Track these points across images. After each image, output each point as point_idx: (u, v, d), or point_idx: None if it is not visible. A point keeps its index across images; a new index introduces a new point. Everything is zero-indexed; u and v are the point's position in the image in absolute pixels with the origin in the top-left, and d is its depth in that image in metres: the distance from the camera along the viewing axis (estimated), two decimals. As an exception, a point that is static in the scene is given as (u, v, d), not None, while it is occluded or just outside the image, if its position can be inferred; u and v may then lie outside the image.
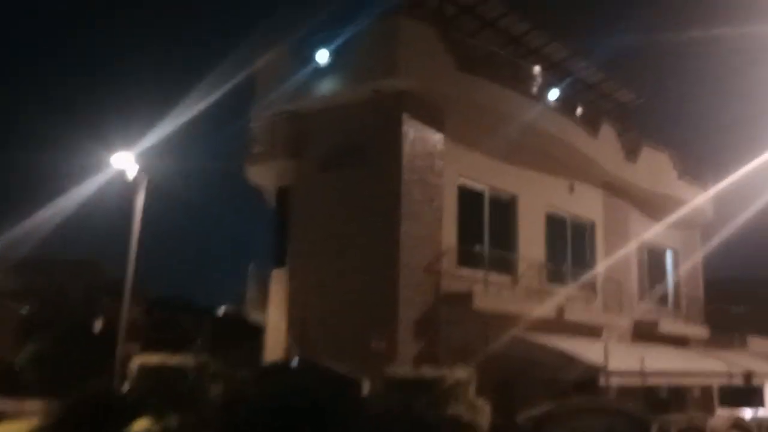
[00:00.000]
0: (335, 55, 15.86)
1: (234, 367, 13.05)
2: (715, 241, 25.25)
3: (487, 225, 16.94)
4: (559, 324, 16.90)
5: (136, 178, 14.68)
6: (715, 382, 21.08)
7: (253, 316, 18.67)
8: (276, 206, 18.21)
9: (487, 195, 17.13)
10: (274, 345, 16.35)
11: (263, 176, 18.15)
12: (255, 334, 17.61)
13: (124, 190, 14.91)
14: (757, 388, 25.78)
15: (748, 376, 19.59)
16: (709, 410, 21.43)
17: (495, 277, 16.45)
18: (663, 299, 23.01)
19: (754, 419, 18.75)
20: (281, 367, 13.63)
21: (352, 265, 15.06)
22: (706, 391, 23.14)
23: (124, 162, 14.62)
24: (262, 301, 17.54)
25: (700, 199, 23.96)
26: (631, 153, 21.30)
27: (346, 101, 15.75)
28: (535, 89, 17.95)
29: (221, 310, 23.09)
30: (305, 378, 12.45)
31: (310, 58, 15.97)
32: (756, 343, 23.99)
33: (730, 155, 23.36)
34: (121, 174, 14.78)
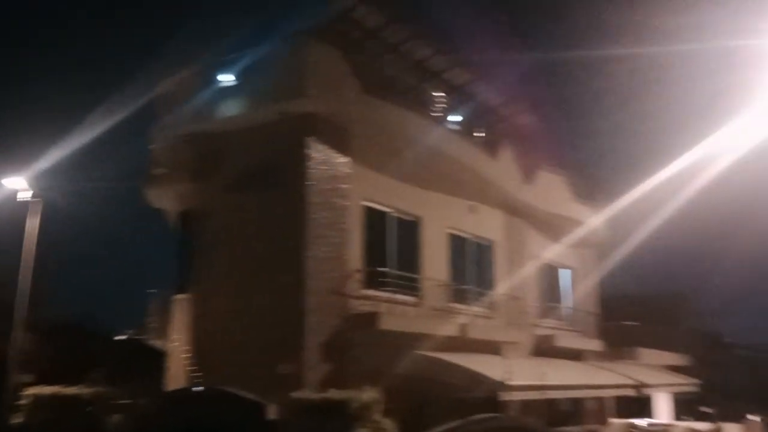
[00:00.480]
0: (241, 76, 15.83)
1: (135, 397, 12.67)
2: (610, 259, 26.63)
3: (392, 246, 17.21)
4: (463, 342, 17.29)
5: (29, 201, 14.08)
6: (609, 394, 22.12)
7: (156, 342, 18.16)
8: (179, 230, 17.85)
9: (392, 217, 17.42)
10: (178, 372, 15.96)
11: (165, 199, 17.78)
12: (158, 361, 17.12)
13: (18, 212, 14.30)
14: (647, 397, 27.22)
15: (639, 387, 20.66)
16: (604, 421, 22.46)
17: (401, 298, 16.71)
18: (560, 315, 23.95)
19: (647, 426, 19.79)
20: (185, 394, 13.29)
21: (257, 289, 14.94)
22: (601, 402, 24.24)
23: (17, 184, 14.01)
24: (165, 327, 17.10)
25: (594, 220, 25.19)
26: (529, 175, 22.17)
27: (252, 123, 15.70)
28: (437, 113, 18.46)
29: (123, 337, 22.26)
30: (210, 405, 12.21)
31: (215, 79, 15.87)
32: (646, 355, 25.32)
33: (624, 176, 24.71)
34: (13, 196, 14.16)
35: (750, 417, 27.84)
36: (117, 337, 22.62)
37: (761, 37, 16.76)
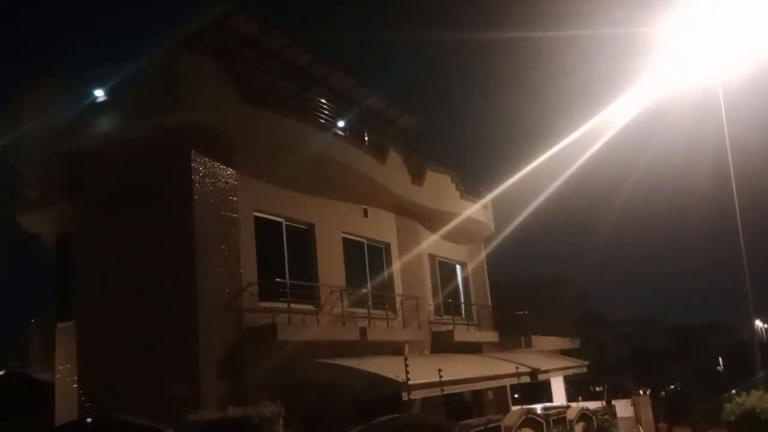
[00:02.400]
0: (113, 91, 15.19)
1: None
2: (497, 251, 27.57)
3: (286, 256, 17.03)
4: (363, 346, 17.37)
5: None
6: (507, 383, 22.85)
7: (41, 374, 17.15)
8: (57, 254, 16.94)
9: (284, 226, 17.24)
10: (66, 404, 15.14)
11: (40, 222, 16.83)
12: (44, 393, 16.15)
13: None
14: (543, 383, 28.35)
15: (535, 373, 21.46)
16: (504, 409, 23.20)
17: (298, 307, 16.55)
18: (456, 310, 24.52)
19: (543, 410, 20.57)
20: (76, 427, 12.63)
21: (146, 311, 14.41)
22: (501, 391, 25.04)
23: None
24: (49, 357, 16.19)
25: (481, 214, 25.98)
26: (417, 176, 22.55)
27: (128, 139, 15.07)
28: (322, 119, 18.43)
29: (2, 371, 20.81)
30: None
31: (85, 95, 15.15)
32: (539, 341, 26.36)
33: (506, 163, 25.59)
34: None
35: (638, 393, 29.57)
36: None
37: (638, 25, 17.92)
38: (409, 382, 15.03)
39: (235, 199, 15.54)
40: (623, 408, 26.79)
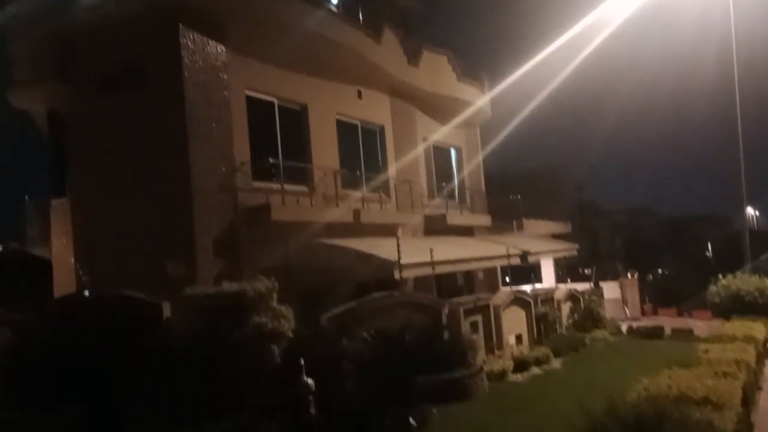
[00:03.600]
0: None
1: (21, 307, 12.25)
2: (495, 138, 27.43)
3: (279, 137, 16.91)
4: (356, 227, 17.60)
5: None
6: (497, 264, 23.33)
7: (37, 251, 17.43)
8: (49, 132, 16.79)
9: (276, 106, 17.01)
10: (64, 280, 15.48)
11: (31, 102, 16.57)
12: (42, 269, 16.48)
13: None
14: (533, 265, 28.97)
15: (525, 255, 21.86)
16: (495, 290, 23.79)
17: (292, 188, 16.62)
18: (450, 194, 24.67)
19: (532, 292, 21.13)
20: (74, 300, 12.94)
21: (140, 192, 14.46)
22: (491, 273, 25.62)
23: None
24: (45, 234, 16.39)
25: (478, 98, 25.62)
26: (413, 57, 22.05)
27: (116, 16, 14.62)
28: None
29: (1, 250, 21.14)
30: (101, 308, 11.99)
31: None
32: (531, 225, 26.72)
33: (505, 56, 25.04)
34: None
35: (627, 277, 30.27)
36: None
37: None
38: (401, 262, 15.33)
39: (226, 77, 15.24)
40: (611, 290, 27.52)
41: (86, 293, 12.79)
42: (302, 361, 11.45)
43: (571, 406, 6.06)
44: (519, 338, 18.77)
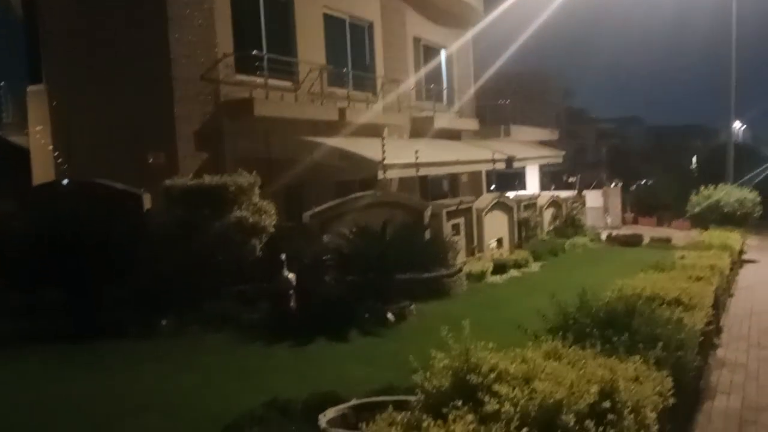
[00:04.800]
0: None
1: (-1, 194, 12.11)
2: (486, 41, 26.72)
3: (264, 28, 16.35)
4: (341, 127, 17.35)
5: None
6: (482, 168, 23.30)
7: (14, 138, 17.09)
8: (24, 15, 16.12)
9: (261, -4, 16.35)
10: (42, 168, 15.27)
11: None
12: (19, 157, 16.21)
13: None
14: (518, 172, 28.99)
15: (510, 160, 21.80)
16: (479, 194, 23.84)
17: (276, 83, 16.23)
18: (438, 97, 24.29)
19: (515, 198, 21.20)
20: (51, 188, 12.79)
21: (119, 81, 14.04)
22: (476, 178, 25.61)
23: None
24: (22, 121, 16.03)
25: (471, -3, 24.82)
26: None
27: None
28: None
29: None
30: (80, 197, 11.88)
31: None
32: (519, 131, 26.53)
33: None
34: None
35: (611, 185, 30.41)
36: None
37: None
38: (385, 162, 15.22)
39: (208, -38, 14.55)
40: (594, 198, 27.71)
41: (65, 182, 12.62)
42: (283, 256, 11.54)
43: (546, 303, 6.11)
44: (500, 242, 18.98)
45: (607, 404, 3.46)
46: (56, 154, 14.75)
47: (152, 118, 13.84)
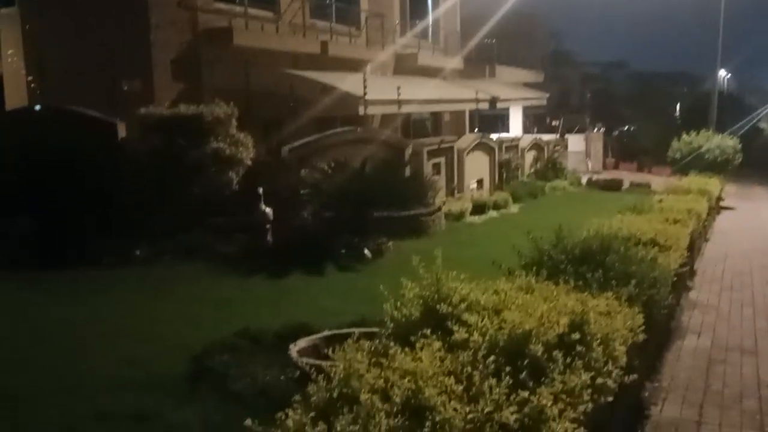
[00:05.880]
0: None
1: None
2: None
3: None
4: (323, 60, 16.98)
5: None
6: (465, 108, 23.07)
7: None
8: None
9: None
10: (15, 93, 14.85)
11: None
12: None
13: None
14: (502, 113, 28.78)
15: (494, 101, 21.59)
16: (461, 135, 23.67)
17: (256, 12, 15.76)
18: (423, 33, 23.80)
19: (497, 139, 21.08)
20: (24, 114, 12.45)
21: (94, 4, 13.55)
22: (459, 117, 25.37)
23: None
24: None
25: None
26: None
27: None
28: None
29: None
30: (54, 123, 11.58)
31: None
32: (503, 72, 26.18)
33: None
34: None
35: (593, 129, 30.35)
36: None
37: None
38: (367, 98, 14.96)
39: None
40: (576, 143, 27.69)
41: (37, 108, 12.28)
42: (260, 190, 11.40)
43: (522, 242, 6.06)
44: (480, 183, 18.95)
45: (576, 336, 3.43)
46: (29, 78, 14.32)
47: (127, 44, 13.42)
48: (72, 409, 5.26)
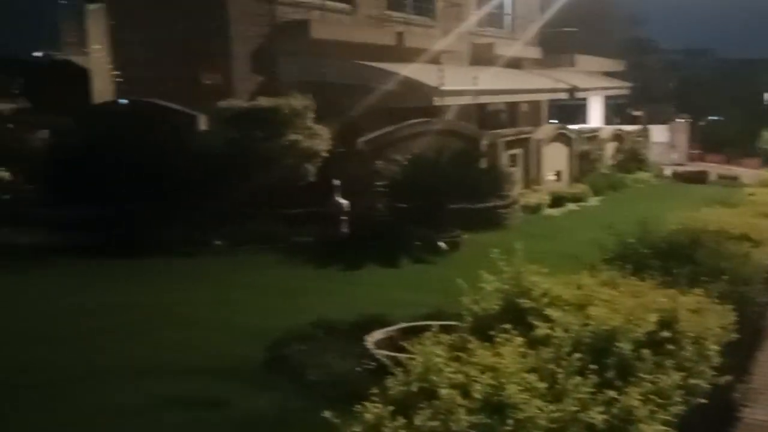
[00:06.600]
0: None
1: (59, 112, 12.29)
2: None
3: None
4: (398, 51, 16.89)
5: None
6: (543, 98, 22.57)
7: (74, 58, 17.24)
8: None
9: None
10: (102, 88, 15.40)
11: None
12: (79, 76, 16.38)
13: None
14: (580, 104, 28.03)
15: (572, 90, 21.04)
16: (538, 126, 23.20)
17: (333, 5, 15.84)
18: (500, 22, 23.39)
19: (577, 132, 20.55)
20: (109, 107, 12.92)
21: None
22: (536, 107, 24.84)
23: None
24: (81, 40, 16.12)
25: None
26: None
27: None
28: None
29: (41, 56, 20.96)
30: (137, 116, 11.96)
31: None
32: (582, 61, 25.46)
33: None
34: None
35: (677, 120, 29.21)
36: (38, 57, 21.36)
37: None
38: (442, 88, 14.82)
39: None
40: (659, 133, 26.70)
41: (122, 101, 12.70)
42: (335, 182, 11.46)
43: (604, 236, 5.85)
44: (558, 175, 18.51)
45: (666, 334, 3.27)
46: (114, 73, 14.83)
47: (207, 38, 13.70)
48: (150, 393, 5.39)
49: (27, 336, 6.91)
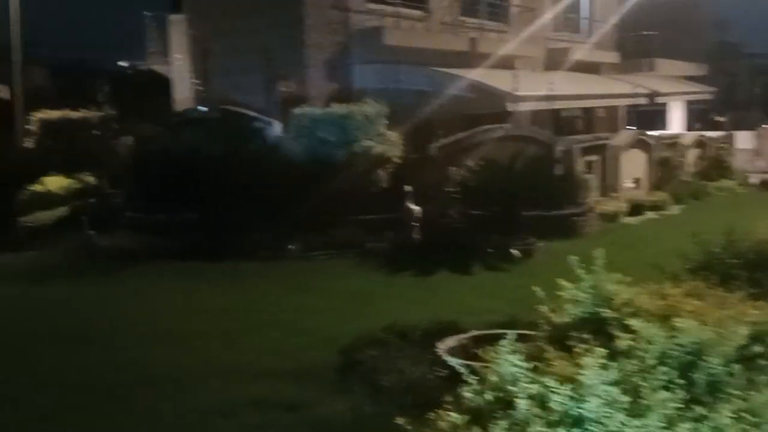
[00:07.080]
0: None
1: (142, 119, 12.74)
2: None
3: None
4: (472, 57, 16.78)
5: None
6: (620, 103, 21.98)
7: (158, 67, 17.85)
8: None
9: None
10: (183, 96, 15.88)
11: None
12: (162, 84, 16.95)
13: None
14: (660, 109, 27.17)
15: (652, 95, 20.41)
16: (616, 131, 22.61)
17: (407, 12, 15.88)
18: (576, 27, 22.94)
19: (657, 138, 19.90)
20: (190, 115, 13.30)
21: (253, 8, 14.21)
22: (613, 113, 24.22)
23: None
24: (166, 50, 16.69)
25: None
26: None
27: None
28: None
29: (125, 66, 21.80)
30: (216, 124, 12.28)
31: None
32: (662, 65, 24.67)
33: None
34: None
35: (764, 126, 27.93)
36: (122, 67, 22.24)
37: None
38: (517, 94, 14.63)
39: None
40: (745, 140, 25.53)
41: (203, 109, 13.07)
42: (407, 188, 11.45)
43: (684, 245, 5.62)
44: (637, 182, 17.95)
45: (758, 348, 3.09)
46: (195, 81, 15.27)
47: (283, 46, 13.95)
48: (228, 395, 5.49)
49: (125, 337, 7.24)
